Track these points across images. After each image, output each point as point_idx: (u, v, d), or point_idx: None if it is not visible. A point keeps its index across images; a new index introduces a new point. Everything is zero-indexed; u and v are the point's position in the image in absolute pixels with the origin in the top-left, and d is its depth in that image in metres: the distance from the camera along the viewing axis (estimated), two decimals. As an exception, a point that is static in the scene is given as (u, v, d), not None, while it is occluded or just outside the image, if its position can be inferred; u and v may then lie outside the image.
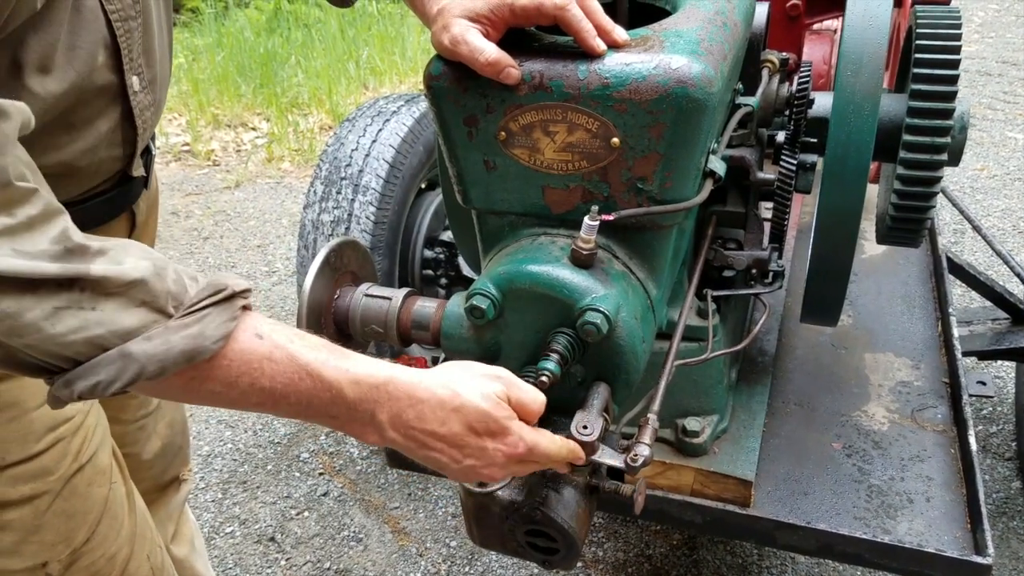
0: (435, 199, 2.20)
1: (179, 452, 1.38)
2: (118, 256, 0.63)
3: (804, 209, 2.08)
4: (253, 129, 4.69)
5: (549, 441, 0.81)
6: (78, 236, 0.62)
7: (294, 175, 4.20)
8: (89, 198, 0.90)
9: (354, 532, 2.13)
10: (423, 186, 2.20)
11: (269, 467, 2.38)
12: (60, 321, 0.60)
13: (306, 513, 2.21)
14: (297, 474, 2.34)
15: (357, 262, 1.11)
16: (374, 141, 1.99)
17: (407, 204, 2.06)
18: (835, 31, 2.12)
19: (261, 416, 2.58)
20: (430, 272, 2.19)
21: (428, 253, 2.17)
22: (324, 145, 2.01)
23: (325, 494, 2.26)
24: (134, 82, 0.86)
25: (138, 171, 0.95)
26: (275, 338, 0.69)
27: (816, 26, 2.01)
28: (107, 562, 0.99)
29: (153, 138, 1.02)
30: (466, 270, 2.14)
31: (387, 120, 2.04)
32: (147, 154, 0.99)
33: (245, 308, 0.68)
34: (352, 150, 1.99)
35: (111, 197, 0.93)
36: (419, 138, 2.06)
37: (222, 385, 0.67)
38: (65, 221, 0.62)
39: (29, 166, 0.61)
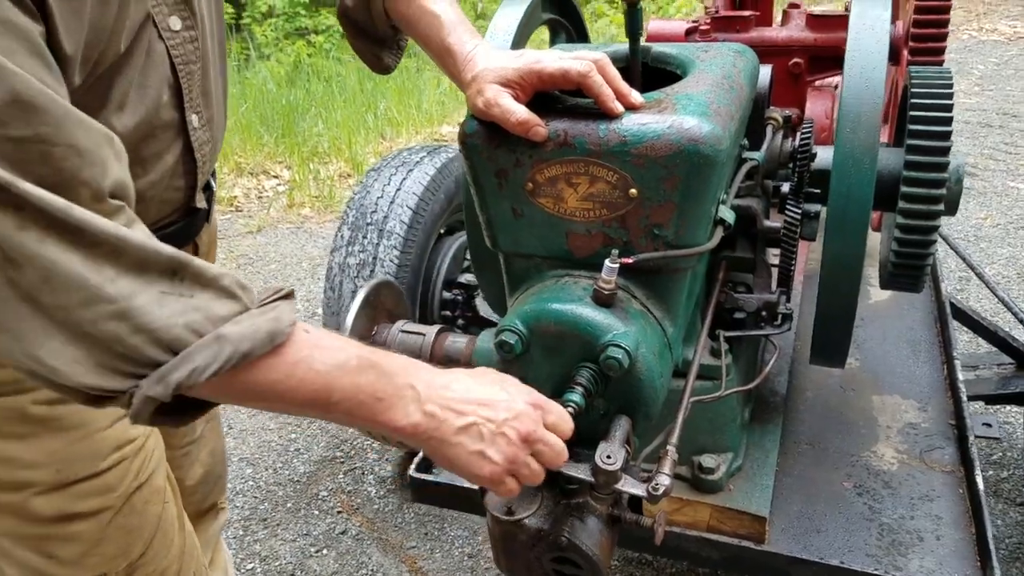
0: (454, 244, 2.29)
1: (218, 480, 1.44)
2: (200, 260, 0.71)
3: (811, 256, 2.15)
4: (275, 177, 4.84)
5: (558, 406, 0.90)
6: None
7: (314, 220, 4.32)
8: (160, 228, 0.99)
9: (372, 571, 2.16)
10: (442, 231, 2.29)
11: (289, 505, 2.42)
12: (166, 305, 0.66)
13: (325, 551, 2.24)
14: (316, 512, 2.38)
15: (392, 301, 1.19)
16: (398, 189, 2.09)
17: (428, 248, 2.15)
18: (835, 87, 2.22)
19: (281, 454, 2.64)
20: (448, 313, 2.26)
21: (447, 295, 2.25)
22: (351, 192, 2.11)
23: (343, 532, 2.30)
24: (193, 119, 0.95)
25: (200, 204, 1.04)
26: (319, 332, 0.77)
27: (818, 83, 2.12)
28: None
29: (214, 175, 1.11)
30: (483, 311, 2.22)
31: (410, 170, 2.14)
32: (208, 190, 1.08)
33: None
34: (378, 197, 2.09)
35: (179, 228, 1.01)
36: (440, 187, 2.16)
37: (283, 373, 0.72)
38: (149, 232, 0.69)
39: (124, 188, 0.68)
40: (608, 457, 0.95)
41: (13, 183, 0.59)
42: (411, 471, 1.57)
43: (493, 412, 0.82)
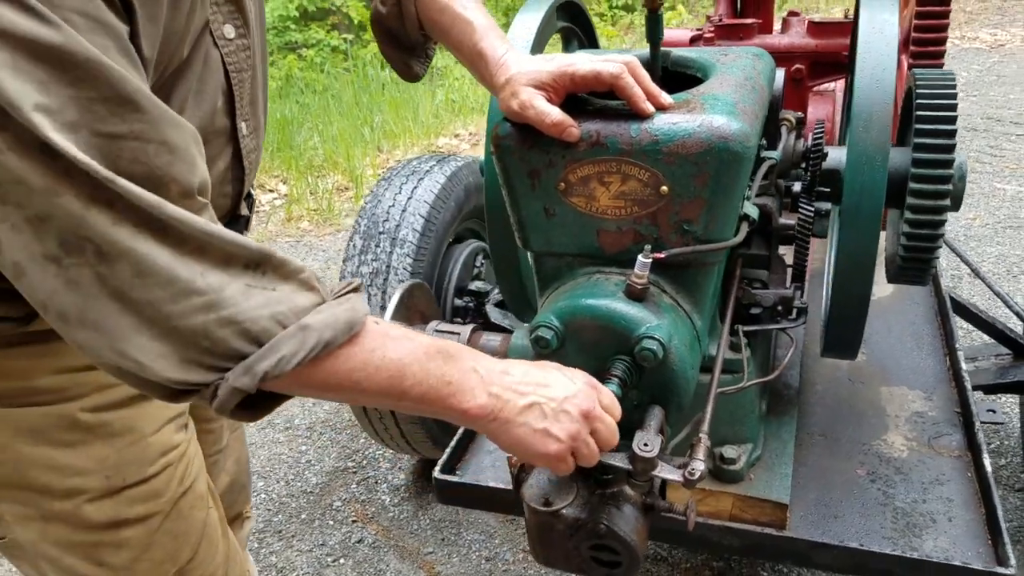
0: (464, 251, 2.32)
1: (243, 489, 1.46)
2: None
3: (815, 256, 2.21)
4: (271, 191, 4.86)
5: (607, 389, 0.94)
6: None
7: (313, 234, 4.35)
8: None
9: (390, 576, 2.18)
10: (451, 240, 2.33)
11: (303, 516, 2.44)
12: (251, 297, 0.68)
13: (342, 560, 2.26)
14: (331, 522, 2.40)
15: (425, 302, 1.23)
16: (410, 198, 2.13)
17: (439, 256, 2.19)
18: (833, 91, 2.29)
19: (292, 466, 2.65)
20: (460, 320, 2.29)
21: (459, 302, 2.28)
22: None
23: (360, 541, 2.32)
24: (243, 127, 0.97)
25: (244, 211, 1.07)
26: (385, 323, 0.80)
27: (817, 88, 2.18)
28: None
29: (252, 184, 1.14)
30: (493, 317, 2.25)
31: (421, 179, 2.18)
32: (249, 198, 1.11)
33: None
34: (389, 206, 2.12)
35: None
36: (451, 195, 2.20)
37: (360, 361, 0.75)
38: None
39: (206, 186, 0.72)
40: (645, 445, 0.98)
41: (111, 179, 0.61)
42: (436, 473, 1.59)
43: (553, 391, 0.85)
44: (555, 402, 0.85)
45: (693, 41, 2.12)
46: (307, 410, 2.94)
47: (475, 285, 2.31)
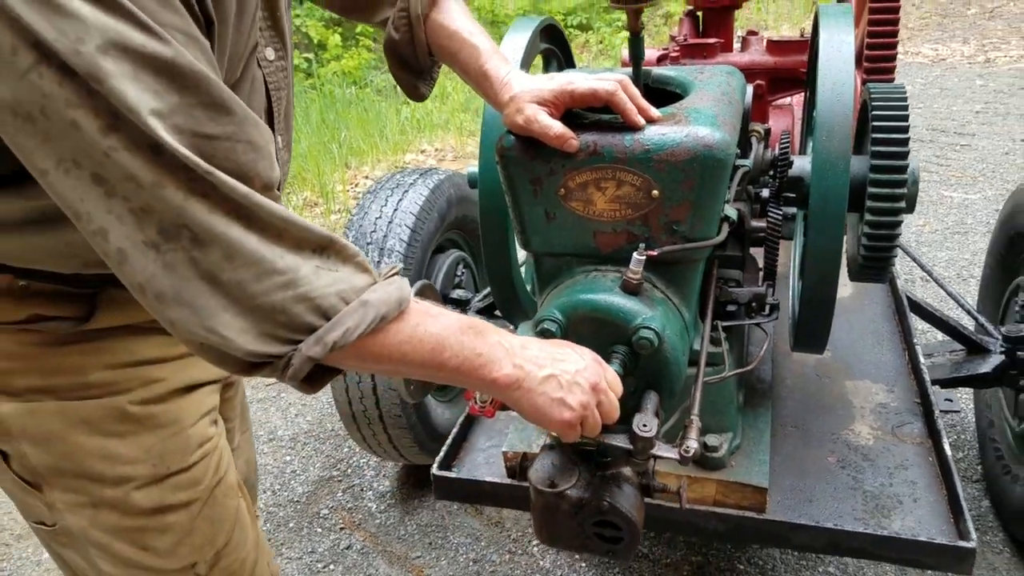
0: (446, 261, 2.41)
1: (252, 488, 1.51)
2: None
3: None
4: (242, 209, 4.88)
5: (610, 367, 1.04)
6: None
7: (287, 250, 4.38)
8: None
9: (381, 580, 2.23)
10: (433, 250, 2.41)
11: (291, 524, 2.47)
12: (321, 277, 0.77)
13: (332, 566, 2.30)
14: (319, 530, 2.44)
15: (433, 301, 1.30)
16: (396, 209, 2.21)
17: (424, 265, 2.26)
18: (791, 104, 2.44)
19: (278, 476, 2.68)
20: (444, 329, 2.36)
21: (442, 311, 2.36)
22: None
23: (348, 547, 2.36)
24: (278, 140, 1.04)
25: None
26: (423, 302, 0.89)
27: (776, 102, 2.32)
28: (241, 565, 1.13)
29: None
30: (477, 326, 2.33)
31: (406, 191, 2.26)
32: None
33: None
34: (376, 218, 2.20)
35: None
36: (434, 207, 2.28)
37: (407, 335, 0.83)
38: None
39: (278, 180, 0.79)
40: (644, 425, 1.07)
41: (210, 172, 0.69)
42: (433, 470, 1.66)
43: (567, 365, 0.95)
44: (569, 374, 0.94)
45: (660, 60, 2.25)
46: (290, 421, 2.97)
47: (457, 293, 2.40)
